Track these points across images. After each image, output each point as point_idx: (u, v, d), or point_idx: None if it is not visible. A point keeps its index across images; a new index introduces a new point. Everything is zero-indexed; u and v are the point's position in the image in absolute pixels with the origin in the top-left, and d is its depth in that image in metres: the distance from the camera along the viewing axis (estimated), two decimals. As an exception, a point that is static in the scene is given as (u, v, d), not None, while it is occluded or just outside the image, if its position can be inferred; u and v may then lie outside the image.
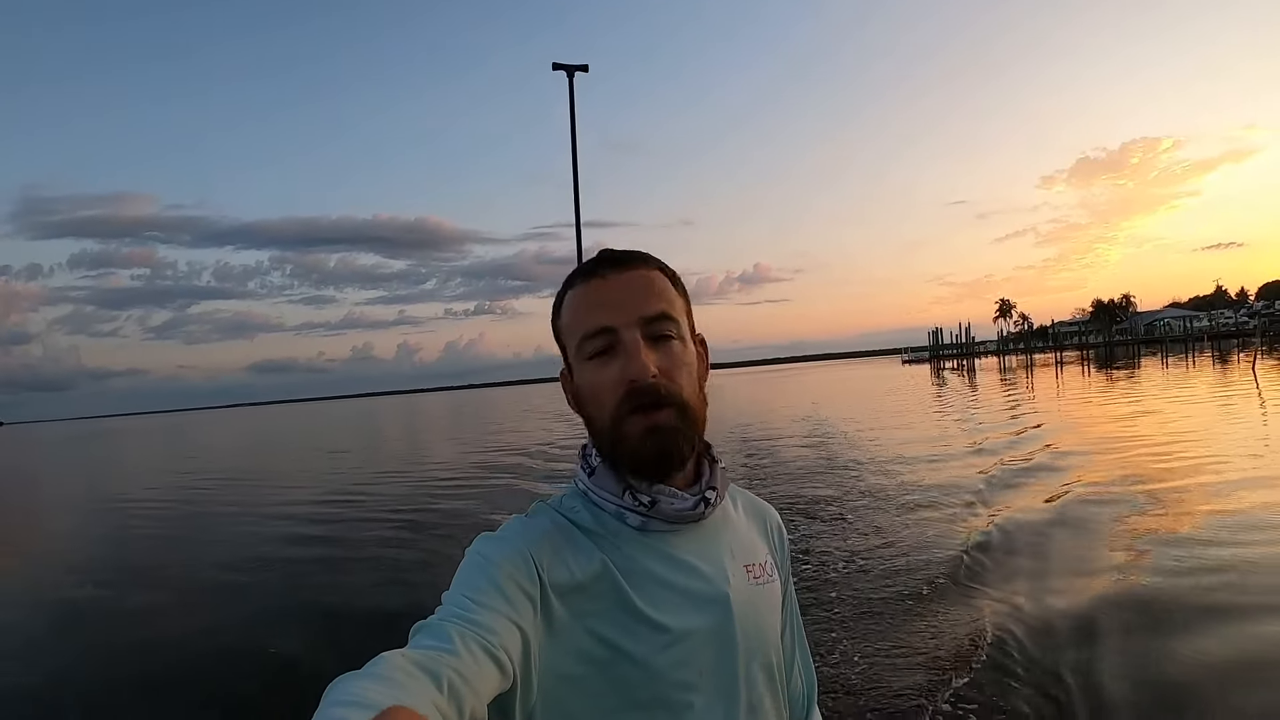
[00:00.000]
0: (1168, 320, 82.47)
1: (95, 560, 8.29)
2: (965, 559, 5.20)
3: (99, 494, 15.74)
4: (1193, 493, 6.59)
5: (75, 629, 5.58)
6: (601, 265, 0.76)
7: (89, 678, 4.56)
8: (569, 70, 2.78)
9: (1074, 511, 6.36)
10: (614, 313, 0.73)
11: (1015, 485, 7.75)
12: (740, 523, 0.85)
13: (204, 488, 14.64)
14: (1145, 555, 4.96)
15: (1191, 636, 3.66)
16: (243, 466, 19.49)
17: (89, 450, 37.71)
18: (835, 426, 15.52)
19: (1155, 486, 6.92)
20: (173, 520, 10.72)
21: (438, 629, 0.58)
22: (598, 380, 0.74)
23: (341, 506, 10.36)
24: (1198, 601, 4.09)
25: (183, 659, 4.63)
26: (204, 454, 26.77)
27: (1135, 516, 5.97)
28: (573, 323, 0.77)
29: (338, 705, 0.44)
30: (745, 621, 0.76)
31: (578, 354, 0.76)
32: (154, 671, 4.49)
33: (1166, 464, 8.03)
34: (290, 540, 8.22)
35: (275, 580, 6.56)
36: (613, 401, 0.73)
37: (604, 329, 0.73)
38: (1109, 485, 7.22)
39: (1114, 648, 3.60)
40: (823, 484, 8.66)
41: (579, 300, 0.76)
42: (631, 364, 0.72)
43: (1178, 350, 52.38)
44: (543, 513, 0.77)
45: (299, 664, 4.29)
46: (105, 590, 6.75)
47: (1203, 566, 4.63)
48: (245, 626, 5.24)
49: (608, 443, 0.75)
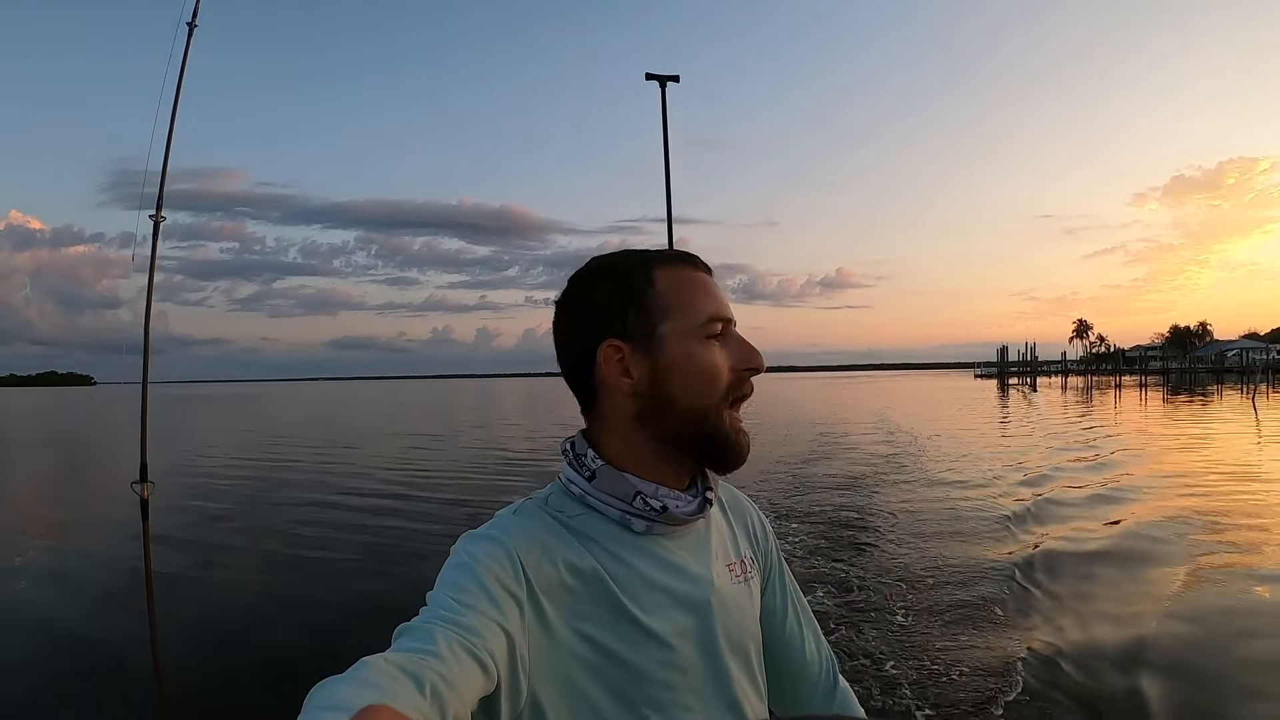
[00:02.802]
0: (1239, 350, 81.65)
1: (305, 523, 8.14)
2: (1015, 573, 5.36)
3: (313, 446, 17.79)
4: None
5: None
6: (700, 264, 0.79)
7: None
8: (661, 80, 2.83)
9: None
10: (727, 306, 0.77)
11: (1019, 485, 9.15)
12: (721, 521, 0.86)
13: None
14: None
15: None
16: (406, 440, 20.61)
17: (203, 412, 39.71)
18: (908, 435, 17.14)
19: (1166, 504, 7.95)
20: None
21: (421, 631, 0.58)
22: (714, 360, 0.74)
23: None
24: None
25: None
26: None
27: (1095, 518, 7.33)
28: (690, 301, 0.75)
29: (320, 709, 0.45)
30: (727, 620, 0.78)
31: (695, 331, 0.75)
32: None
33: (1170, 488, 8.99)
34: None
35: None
36: (722, 385, 0.74)
37: (724, 317, 0.76)
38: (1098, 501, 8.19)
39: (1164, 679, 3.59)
40: (863, 494, 9.01)
41: (697, 284, 0.77)
42: (754, 354, 0.76)
43: (1248, 380, 53.01)
44: (530, 511, 0.75)
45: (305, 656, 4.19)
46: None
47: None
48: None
49: (701, 425, 0.74)
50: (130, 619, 4.22)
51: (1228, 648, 3.94)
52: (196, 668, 3.99)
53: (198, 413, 38.03)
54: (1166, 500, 8.04)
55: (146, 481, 2.52)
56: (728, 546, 0.84)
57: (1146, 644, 3.96)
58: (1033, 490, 8.83)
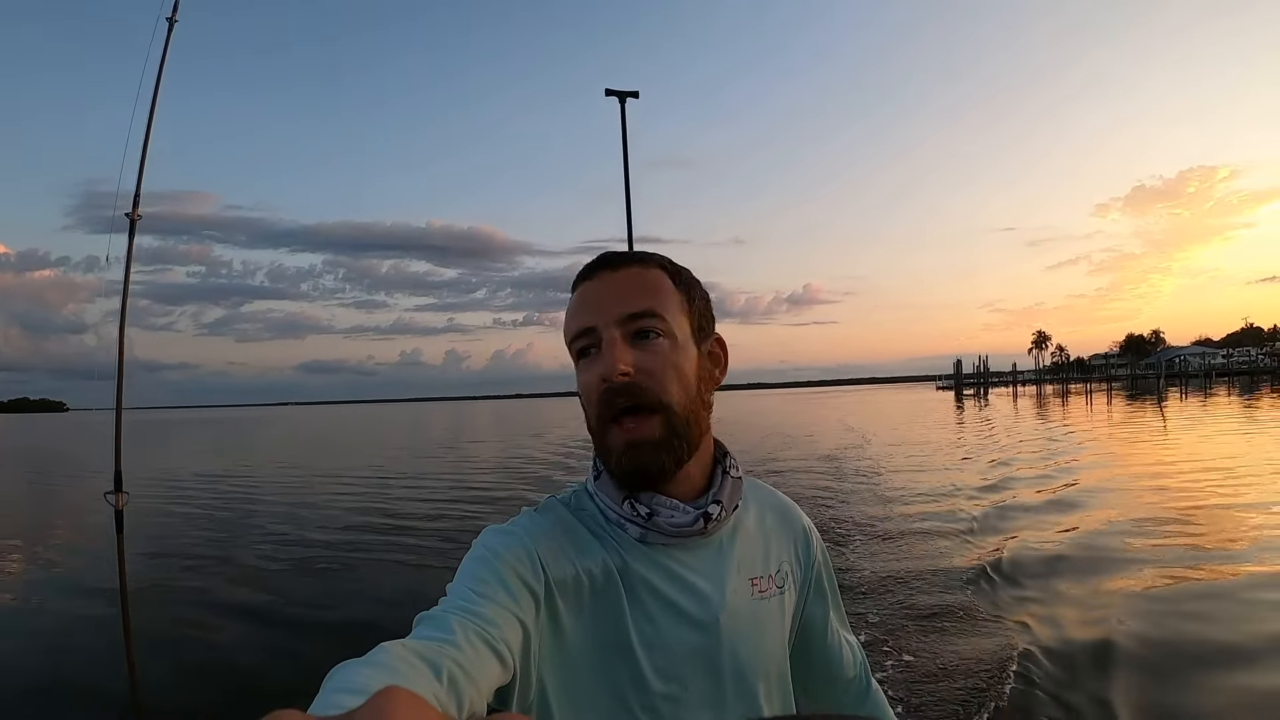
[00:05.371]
0: (1186, 356, 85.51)
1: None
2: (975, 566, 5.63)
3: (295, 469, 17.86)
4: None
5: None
6: (596, 267, 0.76)
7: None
8: (621, 96, 2.81)
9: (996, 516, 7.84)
10: (596, 312, 0.73)
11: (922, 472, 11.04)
12: (753, 533, 0.83)
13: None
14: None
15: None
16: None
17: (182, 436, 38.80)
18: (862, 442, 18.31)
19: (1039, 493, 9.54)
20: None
21: (440, 620, 0.59)
22: (583, 381, 0.75)
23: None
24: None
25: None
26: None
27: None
28: (566, 325, 0.76)
29: (336, 691, 0.46)
30: (737, 641, 0.76)
31: (572, 353, 0.76)
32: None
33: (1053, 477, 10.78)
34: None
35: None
36: (594, 403, 0.73)
37: (587, 329, 0.74)
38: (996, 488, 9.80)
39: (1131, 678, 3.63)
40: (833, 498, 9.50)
41: (572, 303, 0.76)
42: (604, 362, 0.72)
43: (1198, 385, 55.87)
44: (553, 509, 0.77)
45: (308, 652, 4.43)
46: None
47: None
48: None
49: (597, 450, 0.76)
50: (103, 634, 4.51)
51: (1183, 644, 4.01)
52: (170, 681, 4.08)
53: (169, 439, 37.26)
54: (1044, 492, 9.18)
55: (121, 492, 2.49)
56: (756, 560, 0.82)
57: (1113, 644, 4.03)
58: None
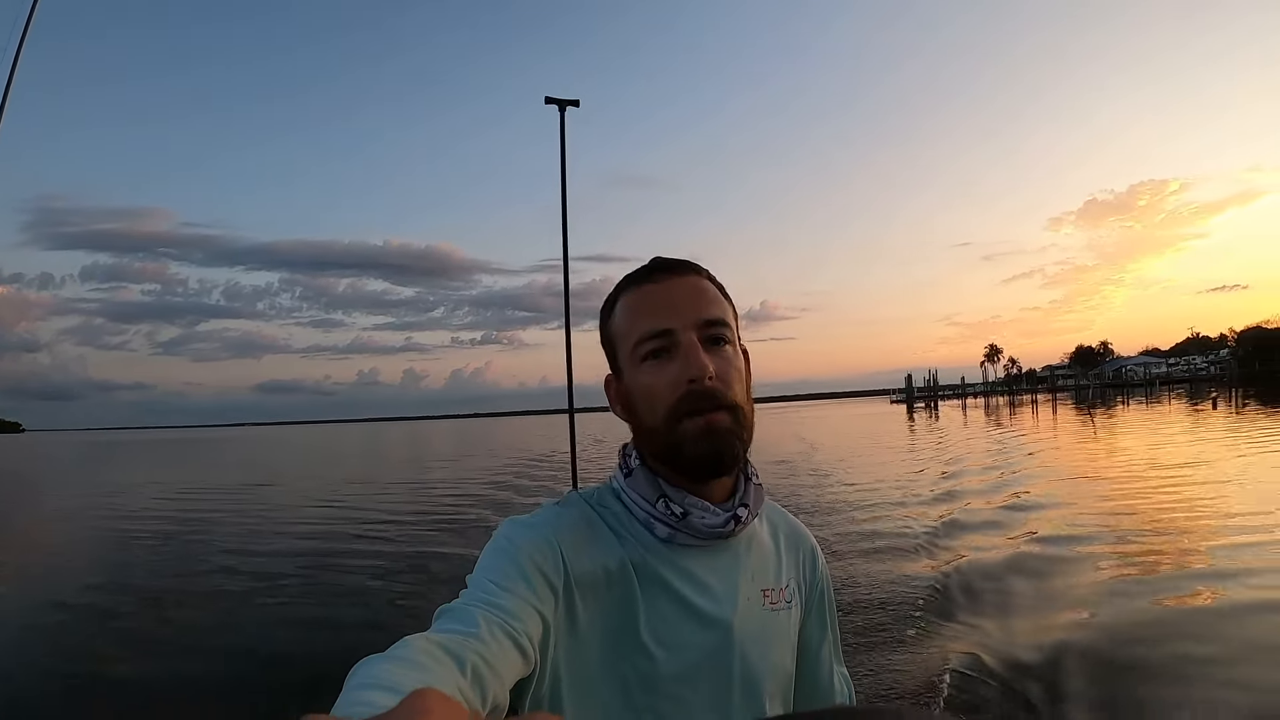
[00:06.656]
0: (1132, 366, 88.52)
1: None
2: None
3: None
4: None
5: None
6: (657, 271, 0.79)
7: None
8: (561, 105, 2.77)
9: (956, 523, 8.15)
10: (672, 315, 0.75)
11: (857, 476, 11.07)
12: (767, 545, 0.85)
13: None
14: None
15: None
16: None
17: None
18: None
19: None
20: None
21: (462, 613, 0.60)
22: (655, 381, 0.75)
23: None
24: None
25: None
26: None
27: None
28: (628, 326, 0.78)
29: (362, 688, 0.45)
30: (747, 647, 0.77)
31: (632, 356, 0.77)
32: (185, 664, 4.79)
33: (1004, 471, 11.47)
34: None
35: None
36: (670, 401, 0.74)
37: (663, 331, 0.75)
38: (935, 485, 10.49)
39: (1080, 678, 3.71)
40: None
41: (635, 303, 0.78)
42: (692, 365, 0.73)
43: (1140, 394, 57.72)
44: (575, 503, 0.78)
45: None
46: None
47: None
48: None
49: (661, 444, 0.76)
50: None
51: (1131, 646, 4.09)
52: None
53: (118, 462, 35.50)
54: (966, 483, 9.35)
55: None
56: (768, 572, 0.84)
57: (1065, 647, 4.10)
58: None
